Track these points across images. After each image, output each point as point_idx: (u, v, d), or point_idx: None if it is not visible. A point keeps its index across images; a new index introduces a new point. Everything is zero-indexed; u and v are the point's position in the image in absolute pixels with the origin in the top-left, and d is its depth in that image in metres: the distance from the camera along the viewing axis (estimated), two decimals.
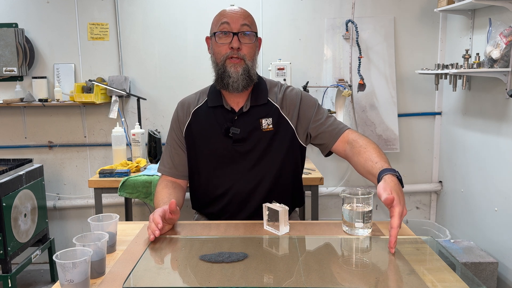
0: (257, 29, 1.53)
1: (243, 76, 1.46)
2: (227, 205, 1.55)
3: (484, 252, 2.28)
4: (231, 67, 1.46)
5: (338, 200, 2.99)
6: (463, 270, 1.07)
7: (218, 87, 1.52)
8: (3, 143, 2.96)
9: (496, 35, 2.09)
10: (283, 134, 1.54)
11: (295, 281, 0.98)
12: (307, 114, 1.56)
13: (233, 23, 1.45)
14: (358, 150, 1.42)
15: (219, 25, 1.47)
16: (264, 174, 1.52)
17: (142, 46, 2.88)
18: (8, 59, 2.75)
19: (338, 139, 1.51)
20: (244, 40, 1.47)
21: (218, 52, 1.49)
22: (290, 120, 1.54)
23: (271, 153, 1.52)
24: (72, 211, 3.04)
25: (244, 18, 1.47)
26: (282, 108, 1.55)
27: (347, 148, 1.49)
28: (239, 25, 1.45)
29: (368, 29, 2.83)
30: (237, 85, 1.47)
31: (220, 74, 1.48)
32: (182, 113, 1.61)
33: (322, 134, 1.54)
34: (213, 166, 1.54)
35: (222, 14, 1.49)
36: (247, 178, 1.52)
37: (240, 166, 1.52)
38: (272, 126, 1.52)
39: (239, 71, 1.46)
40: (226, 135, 1.51)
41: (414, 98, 2.92)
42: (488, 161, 2.35)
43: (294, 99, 1.56)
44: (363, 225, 1.26)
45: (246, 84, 1.48)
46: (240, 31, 1.45)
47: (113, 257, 1.16)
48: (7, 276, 2.36)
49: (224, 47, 1.47)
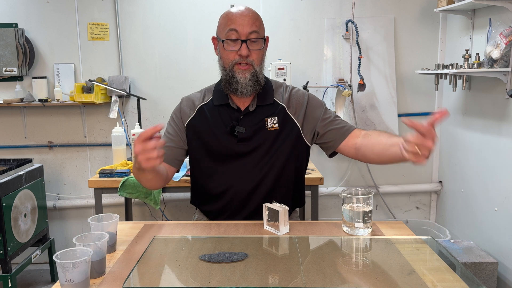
0: (264, 31, 1.51)
1: (251, 81, 1.46)
2: (228, 203, 1.54)
3: (484, 252, 2.28)
4: (239, 73, 1.45)
5: (338, 200, 2.99)
6: (463, 270, 1.08)
7: (226, 91, 1.51)
8: (3, 143, 2.96)
9: (496, 35, 2.09)
10: (288, 133, 1.53)
11: (295, 281, 0.98)
12: (314, 114, 1.55)
13: (241, 30, 1.42)
14: (377, 134, 1.43)
15: (226, 31, 1.44)
16: (266, 173, 1.52)
17: (142, 46, 2.88)
18: (8, 59, 2.75)
19: (347, 137, 1.51)
20: (252, 46, 1.45)
21: (226, 58, 1.47)
22: (296, 119, 1.54)
23: (275, 151, 1.52)
24: (72, 211, 3.04)
25: (253, 24, 1.44)
26: (288, 108, 1.55)
27: (358, 141, 1.47)
28: (247, 32, 1.43)
29: (368, 29, 2.83)
30: (245, 91, 1.46)
31: (228, 80, 1.47)
32: (186, 107, 1.59)
33: (330, 132, 1.53)
34: (215, 163, 1.53)
35: (230, 19, 1.45)
36: (249, 177, 1.52)
37: (242, 164, 1.52)
38: (278, 125, 1.52)
39: (247, 77, 1.45)
40: (232, 133, 1.51)
41: (414, 98, 2.92)
42: (488, 161, 2.35)
43: (301, 99, 1.56)
44: (363, 225, 1.26)
45: (254, 89, 1.47)
46: (249, 38, 1.43)
47: (113, 257, 1.16)
48: (7, 276, 2.36)
49: (232, 54, 1.45)
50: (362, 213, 1.25)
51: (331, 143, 1.54)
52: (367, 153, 1.44)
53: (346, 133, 1.51)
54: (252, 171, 1.51)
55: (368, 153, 1.44)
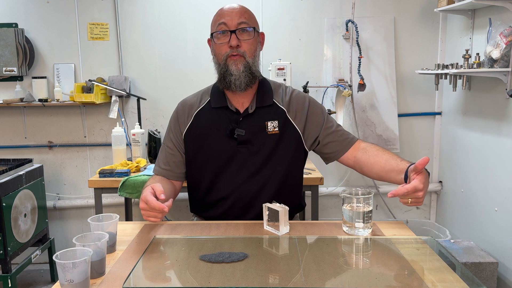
0: (257, 24, 1.51)
1: (244, 73, 1.44)
2: (229, 208, 1.51)
3: (484, 252, 2.28)
4: (232, 64, 1.44)
5: (338, 200, 2.99)
6: (463, 270, 1.08)
7: (221, 87, 1.50)
8: (3, 143, 2.96)
9: (496, 35, 2.09)
10: (289, 138, 1.52)
11: (295, 281, 0.98)
12: (316, 120, 1.54)
13: (230, 22, 1.44)
14: (375, 153, 1.47)
15: (216, 25, 1.46)
16: (269, 178, 1.50)
17: (142, 46, 2.88)
18: (8, 59, 2.75)
19: (349, 149, 1.52)
20: (242, 36, 1.45)
21: (218, 53, 1.48)
22: (296, 125, 1.53)
23: (277, 156, 1.50)
24: (72, 211, 3.04)
25: (241, 15, 1.45)
26: (288, 112, 1.53)
27: (357, 155, 1.50)
28: (236, 23, 1.44)
29: (368, 29, 2.83)
30: (239, 83, 1.45)
31: (223, 73, 1.46)
32: (183, 115, 1.57)
33: (332, 143, 1.53)
34: (216, 168, 1.51)
35: (219, 14, 1.48)
36: (251, 182, 1.50)
37: (244, 169, 1.49)
38: (278, 129, 1.50)
39: (240, 68, 1.44)
40: (231, 136, 1.49)
41: (414, 98, 2.92)
42: (488, 161, 2.35)
43: (302, 103, 1.55)
44: (363, 225, 1.26)
45: (248, 81, 1.46)
46: (238, 28, 1.44)
47: (113, 257, 1.16)
48: (7, 276, 2.36)
49: (224, 46, 1.45)
50: (362, 213, 1.25)
51: (332, 154, 1.55)
52: (365, 170, 1.50)
53: (348, 146, 1.52)
54: (255, 176, 1.49)
55: (366, 170, 1.50)
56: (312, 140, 1.55)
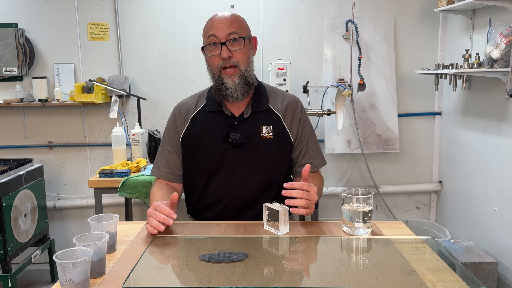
0: (248, 31, 1.51)
1: (240, 85, 1.46)
2: (223, 211, 1.53)
3: (484, 252, 2.28)
4: (227, 78, 1.45)
5: (338, 200, 2.99)
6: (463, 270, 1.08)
7: (217, 98, 1.51)
8: (3, 143, 2.96)
9: (496, 35, 2.09)
10: (283, 144, 1.54)
11: (295, 281, 0.98)
12: (304, 132, 1.58)
13: (219, 33, 1.43)
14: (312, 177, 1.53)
15: (207, 38, 1.47)
16: (263, 182, 1.52)
17: (142, 46, 2.88)
18: (8, 59, 2.75)
19: (298, 175, 1.57)
20: (233, 47, 1.45)
21: (212, 64, 1.49)
22: (291, 133, 1.55)
23: (270, 161, 1.52)
24: (72, 211, 3.04)
25: (230, 25, 1.44)
26: (284, 119, 1.55)
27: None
28: (225, 34, 1.43)
29: (368, 29, 2.83)
30: (236, 95, 1.46)
31: (218, 86, 1.48)
32: (179, 118, 1.59)
33: (298, 158, 1.58)
34: (211, 171, 1.53)
35: (208, 25, 1.48)
36: (245, 185, 1.52)
37: (238, 172, 1.51)
38: (272, 135, 1.52)
39: (235, 81, 1.45)
40: (226, 140, 1.51)
41: (414, 98, 2.92)
42: (488, 161, 2.35)
43: (298, 113, 1.57)
44: (363, 225, 1.26)
45: (245, 92, 1.48)
46: (228, 39, 1.44)
47: (113, 257, 1.16)
48: (7, 276, 2.36)
49: (216, 58, 1.46)
50: (362, 213, 1.25)
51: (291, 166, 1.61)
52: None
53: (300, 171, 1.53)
54: (250, 180, 1.52)
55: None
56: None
